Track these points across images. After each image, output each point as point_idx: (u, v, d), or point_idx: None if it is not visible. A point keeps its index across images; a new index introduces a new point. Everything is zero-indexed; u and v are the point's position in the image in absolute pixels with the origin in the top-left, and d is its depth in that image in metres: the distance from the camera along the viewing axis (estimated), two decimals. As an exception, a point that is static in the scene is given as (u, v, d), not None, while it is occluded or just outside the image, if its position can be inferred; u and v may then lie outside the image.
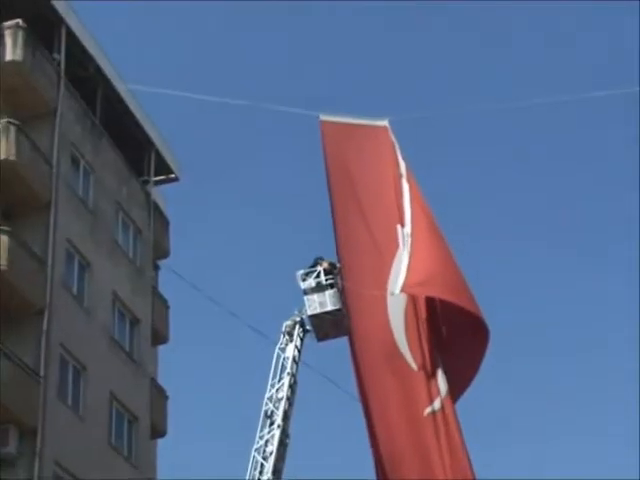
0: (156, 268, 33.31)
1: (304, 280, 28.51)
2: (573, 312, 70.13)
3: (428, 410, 15.13)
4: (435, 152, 67.46)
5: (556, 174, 71.30)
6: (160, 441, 31.73)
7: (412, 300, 15.14)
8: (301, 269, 28.69)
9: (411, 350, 15.50)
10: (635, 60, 51.16)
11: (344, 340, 20.04)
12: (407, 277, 14.59)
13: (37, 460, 23.88)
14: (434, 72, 71.75)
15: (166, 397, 31.67)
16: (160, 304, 32.37)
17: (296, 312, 28.73)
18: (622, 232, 69.62)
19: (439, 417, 15.09)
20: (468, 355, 15.19)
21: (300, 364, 28.70)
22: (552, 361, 66.03)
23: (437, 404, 15.08)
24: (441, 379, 15.07)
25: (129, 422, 28.99)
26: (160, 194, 34.07)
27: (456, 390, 15.28)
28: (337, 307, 28.10)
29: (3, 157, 25.33)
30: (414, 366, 15.45)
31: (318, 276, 28.39)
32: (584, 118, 71.60)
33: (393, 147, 15.69)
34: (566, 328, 69.23)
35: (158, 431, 30.85)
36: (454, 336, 15.15)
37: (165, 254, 33.54)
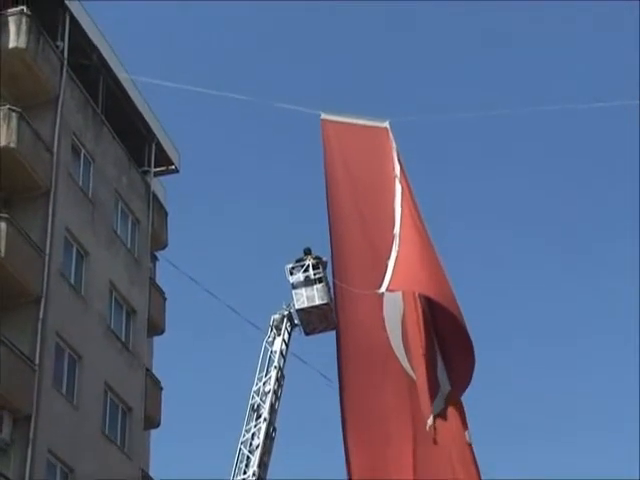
0: (154, 259, 33.51)
1: (292, 274, 28.73)
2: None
3: (429, 422, 15.12)
4: (435, 156, 67.82)
5: (553, 173, 71.69)
6: (154, 432, 31.95)
7: (409, 301, 15.15)
8: (290, 263, 28.91)
9: (408, 356, 15.48)
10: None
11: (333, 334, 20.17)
12: (393, 275, 14.63)
13: (30, 447, 24.05)
14: (436, 76, 71.98)
15: (161, 388, 31.86)
16: (157, 295, 32.56)
17: (284, 306, 28.98)
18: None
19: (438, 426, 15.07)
20: (461, 360, 15.16)
21: (288, 358, 28.92)
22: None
23: (431, 410, 15.05)
24: (442, 380, 15.04)
25: (123, 412, 29.19)
26: (160, 185, 34.23)
27: (458, 392, 15.27)
28: (325, 301, 28.34)
29: (4, 144, 25.47)
30: (412, 374, 15.43)
31: (307, 270, 28.61)
32: (586, 123, 72.22)
33: (392, 149, 15.77)
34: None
35: (152, 422, 31.05)
36: (446, 338, 15.15)
37: (163, 245, 33.73)
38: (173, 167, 34.50)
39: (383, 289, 14.81)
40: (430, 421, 14.91)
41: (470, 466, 14.95)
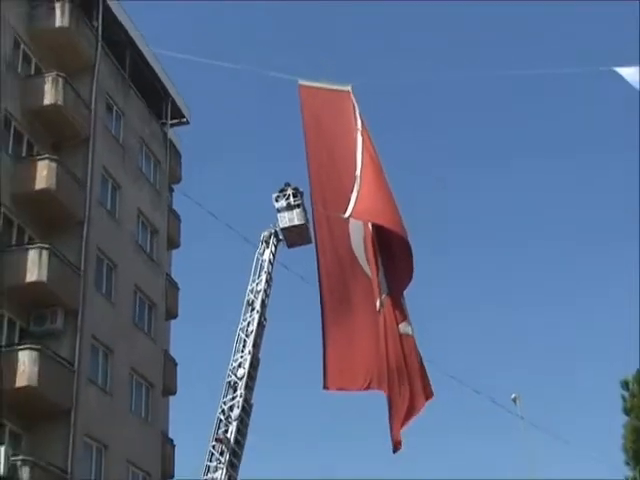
0: (171, 191, 33.19)
1: (277, 201, 28.67)
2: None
3: (377, 306, 15.20)
4: (400, 117, 66.50)
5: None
6: (173, 322, 31.96)
7: (366, 227, 15.22)
8: (276, 192, 28.79)
9: (369, 265, 15.57)
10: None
11: (310, 247, 20.12)
12: (354, 207, 14.62)
13: (78, 334, 24.13)
14: (403, 41, 70.11)
15: (178, 289, 31.81)
16: (174, 218, 32.34)
17: (271, 225, 28.99)
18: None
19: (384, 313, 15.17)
20: (402, 270, 15.34)
21: (275, 265, 28.92)
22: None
23: (379, 302, 15.15)
24: (383, 285, 15.13)
25: (149, 307, 29.17)
26: (175, 134, 33.75)
27: (396, 292, 15.33)
28: (302, 222, 28.37)
29: (53, 102, 25.02)
30: (370, 275, 15.52)
31: (288, 198, 28.55)
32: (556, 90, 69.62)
33: (354, 108, 15.54)
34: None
35: (171, 314, 31.09)
36: (393, 255, 15.24)
37: (178, 180, 33.39)
38: (185, 120, 33.99)
39: (347, 215, 14.80)
40: (377, 304, 15.00)
41: (399, 353, 14.85)
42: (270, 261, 28.68)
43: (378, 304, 14.82)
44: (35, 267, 22.94)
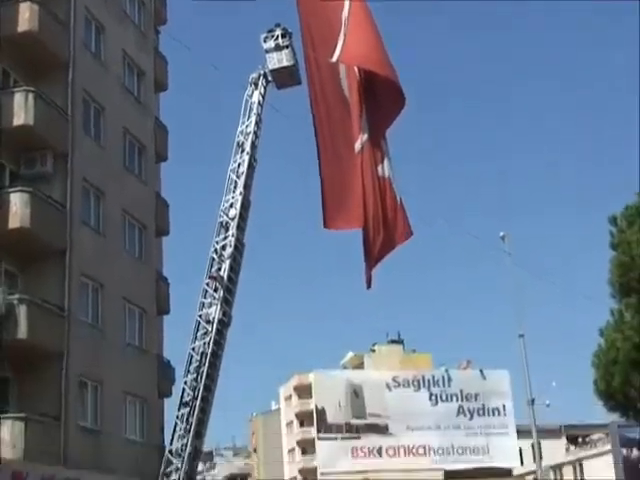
0: (157, 33, 32.05)
1: (265, 42, 27.63)
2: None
3: (357, 148, 15.16)
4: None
5: None
6: (163, 164, 31.60)
7: (351, 69, 14.91)
8: (264, 33, 27.71)
9: (351, 105, 15.43)
10: None
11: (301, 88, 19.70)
12: (343, 50, 14.34)
13: (69, 177, 23.90)
14: None
15: (167, 132, 31.26)
16: (160, 60, 31.48)
17: (260, 67, 28.06)
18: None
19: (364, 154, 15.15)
20: (387, 110, 15.17)
21: (264, 106, 28.23)
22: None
23: (359, 144, 15.11)
24: (364, 123, 15.08)
25: (139, 150, 28.84)
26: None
27: (377, 132, 15.28)
28: (291, 63, 27.45)
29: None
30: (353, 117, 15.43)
31: (277, 39, 27.52)
32: None
33: None
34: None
35: (161, 157, 30.76)
36: (375, 96, 15.02)
37: (164, 21, 32.29)
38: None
39: (334, 59, 14.55)
40: (358, 145, 15.00)
41: (377, 194, 14.90)
42: (259, 102, 27.99)
43: (358, 146, 14.71)
44: (22, 110, 22.47)
